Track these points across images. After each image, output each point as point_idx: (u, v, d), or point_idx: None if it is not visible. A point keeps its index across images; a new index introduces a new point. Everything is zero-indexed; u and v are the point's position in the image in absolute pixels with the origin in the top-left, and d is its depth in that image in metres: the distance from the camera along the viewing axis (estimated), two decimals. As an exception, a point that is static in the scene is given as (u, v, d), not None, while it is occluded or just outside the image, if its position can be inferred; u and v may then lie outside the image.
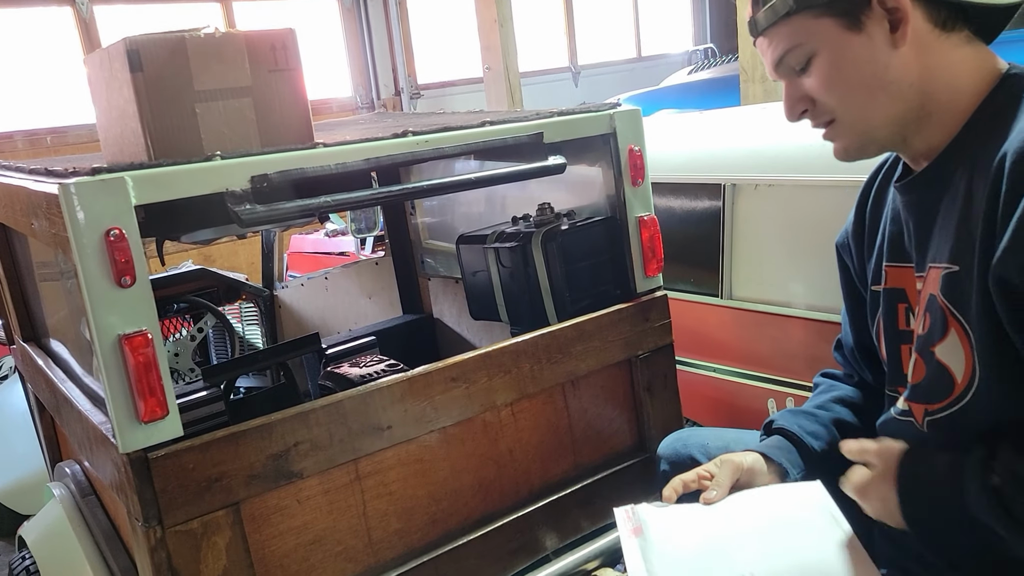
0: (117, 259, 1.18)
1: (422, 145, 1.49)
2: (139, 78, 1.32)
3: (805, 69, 1.08)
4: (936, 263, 1.06)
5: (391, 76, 7.71)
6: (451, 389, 1.54)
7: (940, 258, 1.05)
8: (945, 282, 1.03)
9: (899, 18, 1.01)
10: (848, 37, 1.03)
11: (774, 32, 1.09)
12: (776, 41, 1.09)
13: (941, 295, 1.03)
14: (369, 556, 1.49)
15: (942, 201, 1.05)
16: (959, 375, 1.03)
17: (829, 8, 1.03)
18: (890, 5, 1.01)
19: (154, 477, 1.23)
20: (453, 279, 2.55)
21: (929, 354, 1.07)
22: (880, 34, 1.02)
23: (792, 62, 1.08)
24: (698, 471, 1.30)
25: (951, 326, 1.02)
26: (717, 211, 2.22)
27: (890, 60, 1.02)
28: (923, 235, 1.10)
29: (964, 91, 1.04)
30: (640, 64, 9.85)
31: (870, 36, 1.02)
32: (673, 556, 1.16)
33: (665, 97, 5.50)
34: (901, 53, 1.02)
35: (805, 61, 1.07)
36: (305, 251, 5.31)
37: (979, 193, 0.99)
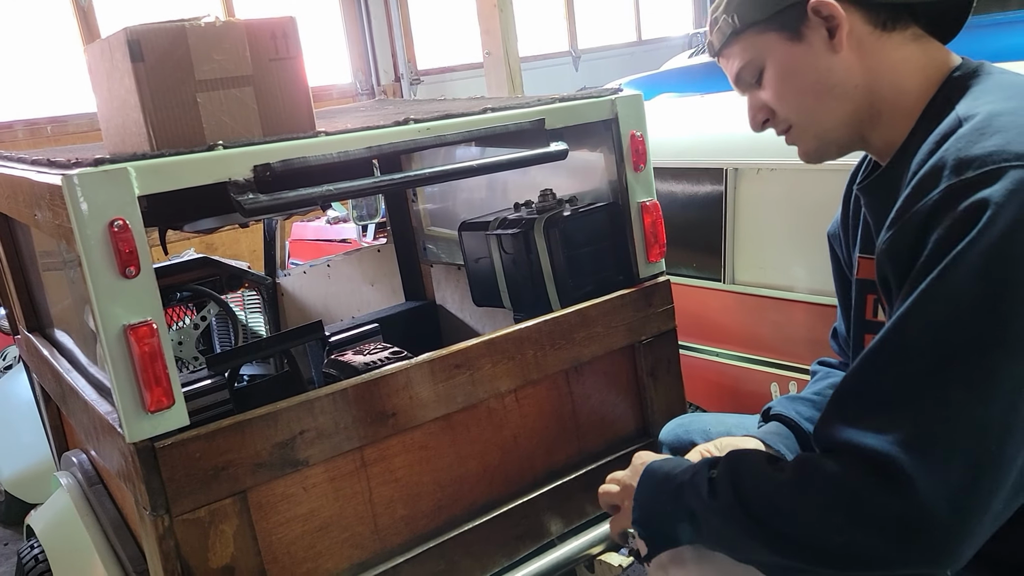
0: (121, 250, 1.18)
1: (424, 133, 1.49)
2: (140, 68, 1.31)
3: (759, 81, 1.15)
4: None
5: (391, 62, 7.68)
6: (455, 376, 1.55)
7: None
8: None
9: (835, 25, 1.06)
10: (791, 47, 1.09)
11: (727, 51, 1.17)
12: (730, 59, 1.17)
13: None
14: (376, 542, 1.50)
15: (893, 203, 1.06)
16: None
17: (771, 23, 1.09)
18: (825, 14, 1.05)
19: (161, 466, 1.24)
20: (455, 266, 2.55)
21: None
22: (820, 41, 1.07)
23: (746, 76, 1.16)
24: (699, 451, 1.32)
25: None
26: (719, 196, 2.22)
27: (832, 64, 1.07)
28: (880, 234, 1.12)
29: (910, 90, 1.07)
30: (640, 48, 9.80)
31: (811, 44, 1.08)
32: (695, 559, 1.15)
33: (666, 81, 5.47)
34: (842, 57, 1.07)
35: (758, 74, 1.14)
36: (307, 238, 5.31)
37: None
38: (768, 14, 1.09)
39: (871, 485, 0.87)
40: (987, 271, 0.84)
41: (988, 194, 0.86)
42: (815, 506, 0.91)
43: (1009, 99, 0.97)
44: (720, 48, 1.18)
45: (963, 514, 0.84)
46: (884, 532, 0.86)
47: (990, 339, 0.84)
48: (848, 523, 0.88)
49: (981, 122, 0.93)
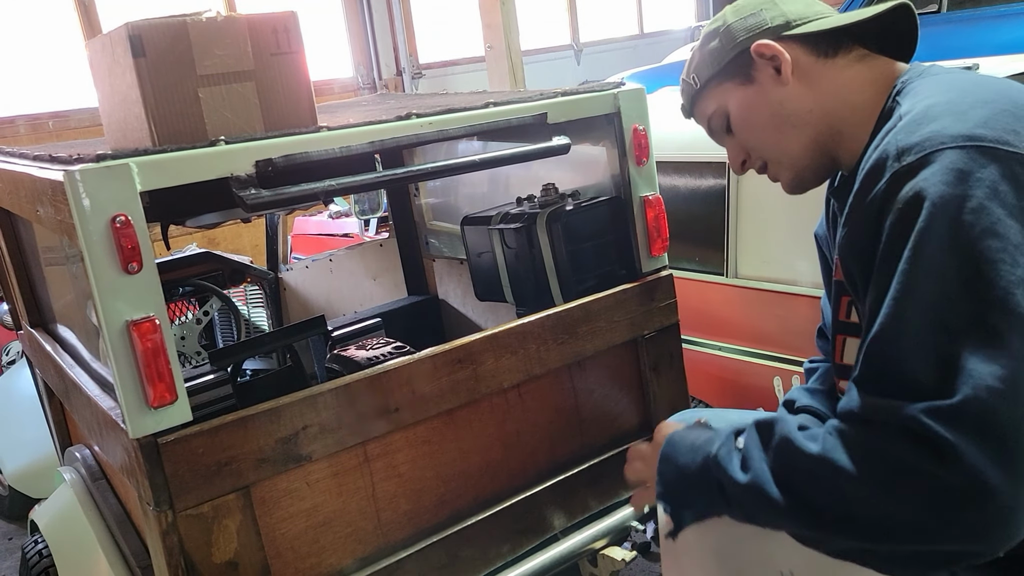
0: (123, 245, 1.18)
1: (426, 127, 1.49)
2: (141, 63, 1.31)
3: (729, 129, 1.23)
4: None
5: (392, 56, 7.66)
6: (458, 371, 1.54)
7: None
8: None
9: (778, 63, 1.14)
10: (745, 91, 1.19)
11: (696, 110, 1.28)
12: (700, 115, 1.27)
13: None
14: (379, 537, 1.50)
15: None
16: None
17: (724, 74, 1.20)
18: (768, 55, 1.14)
19: (164, 462, 1.24)
20: (458, 260, 2.55)
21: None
22: (768, 79, 1.16)
23: (716, 126, 1.25)
24: None
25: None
26: (722, 189, 2.22)
27: (783, 97, 1.15)
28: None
29: (863, 104, 1.12)
30: (643, 41, 9.77)
31: (761, 84, 1.17)
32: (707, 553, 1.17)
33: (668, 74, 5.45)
34: (790, 88, 1.15)
35: (725, 122, 1.23)
36: (309, 233, 5.31)
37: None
38: (720, 66, 1.20)
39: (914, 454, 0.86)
40: (955, 242, 0.88)
41: (930, 173, 0.91)
42: (855, 478, 0.90)
43: (946, 92, 1.02)
44: (691, 108, 1.29)
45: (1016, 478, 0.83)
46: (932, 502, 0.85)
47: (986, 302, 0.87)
48: (890, 494, 0.87)
49: (918, 114, 0.99)
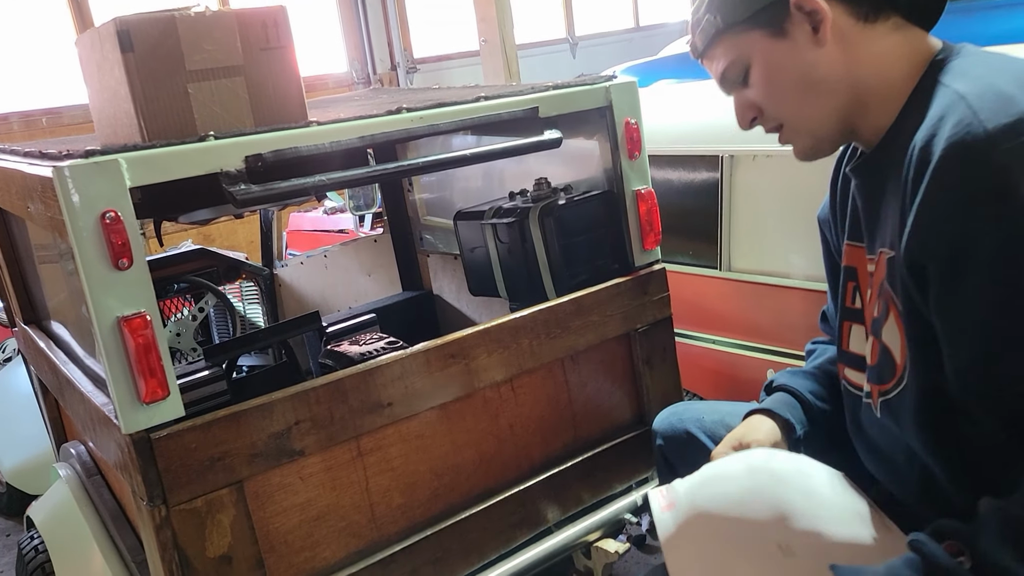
0: (113, 241, 1.18)
1: (417, 122, 1.49)
2: (130, 58, 1.31)
3: (745, 81, 1.14)
4: (883, 248, 1.09)
5: (387, 51, 7.64)
6: (450, 366, 1.55)
7: (884, 243, 1.09)
8: (887, 266, 1.07)
9: (819, 20, 1.05)
10: (774, 44, 1.08)
11: (711, 52, 1.16)
12: (714, 60, 1.16)
13: (886, 279, 1.07)
14: (373, 531, 1.51)
15: (885, 187, 1.08)
16: (897, 357, 1.08)
17: (754, 21, 1.09)
18: (808, 9, 1.05)
19: (157, 457, 1.24)
20: (452, 255, 2.55)
21: (879, 336, 1.11)
22: (803, 36, 1.07)
23: (732, 76, 1.14)
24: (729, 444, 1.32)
25: (891, 309, 1.07)
26: (715, 183, 2.22)
27: (816, 59, 1.07)
28: (872, 219, 1.13)
29: (896, 78, 1.07)
30: (638, 34, 9.75)
31: (794, 40, 1.07)
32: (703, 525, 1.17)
33: (664, 67, 5.44)
34: (826, 51, 1.07)
35: (743, 73, 1.13)
36: (304, 229, 5.30)
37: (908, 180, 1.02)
38: (751, 12, 1.08)
39: None
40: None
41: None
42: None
43: (1000, 72, 0.98)
44: (704, 49, 1.17)
45: None
46: None
47: None
48: None
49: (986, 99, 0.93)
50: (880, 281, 1.10)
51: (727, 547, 1.14)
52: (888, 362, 1.10)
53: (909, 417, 1.08)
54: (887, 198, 1.08)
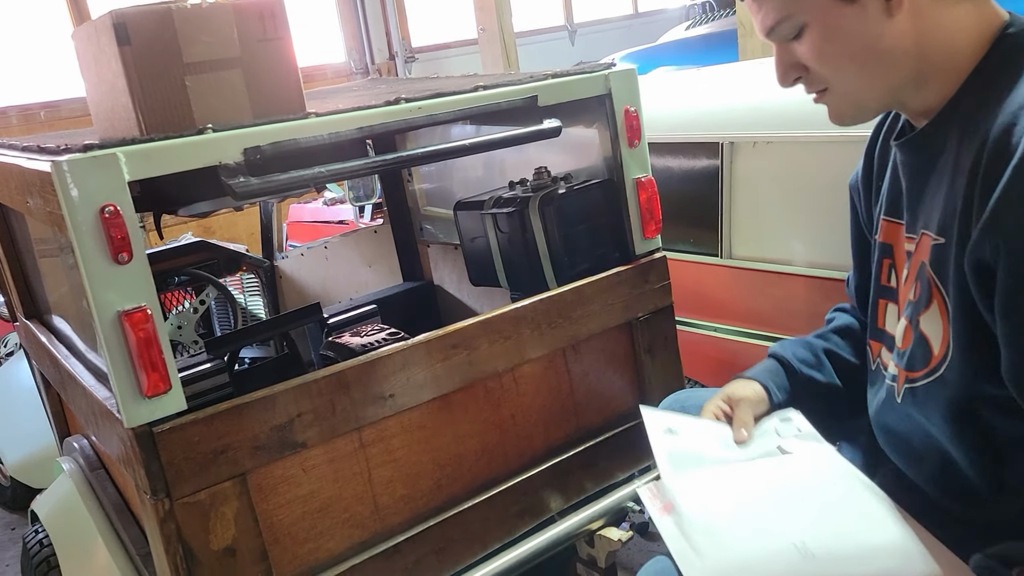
0: (113, 236, 1.18)
1: (415, 112, 1.48)
2: (127, 51, 1.30)
3: (798, 36, 1.05)
4: (928, 230, 1.05)
5: (385, 40, 7.61)
6: (452, 356, 1.55)
7: (931, 226, 1.04)
8: (933, 253, 1.03)
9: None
10: (841, 9, 1.00)
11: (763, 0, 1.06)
12: (765, 9, 1.06)
13: (929, 266, 1.03)
14: (376, 522, 1.51)
15: (935, 164, 1.04)
16: (936, 347, 1.04)
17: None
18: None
19: (160, 451, 1.25)
20: (452, 245, 2.55)
21: (915, 322, 1.07)
22: (875, 4, 0.99)
23: (783, 32, 1.05)
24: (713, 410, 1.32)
25: (934, 298, 1.03)
26: (716, 170, 2.21)
27: (884, 30, 0.99)
28: (916, 197, 1.09)
29: (961, 51, 1.00)
30: (637, 20, 9.71)
31: (863, 6, 0.99)
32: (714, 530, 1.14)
33: (663, 54, 5.43)
34: (896, 22, 0.99)
35: (797, 31, 1.04)
36: (304, 220, 5.30)
37: (965, 164, 0.97)
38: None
39: None
40: None
41: None
42: None
43: None
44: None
45: None
46: None
47: None
48: None
49: None
50: (920, 264, 1.06)
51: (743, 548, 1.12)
52: (923, 351, 1.06)
53: (939, 409, 1.04)
54: (936, 178, 1.03)
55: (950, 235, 0.99)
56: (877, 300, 1.21)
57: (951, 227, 0.98)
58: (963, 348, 1.00)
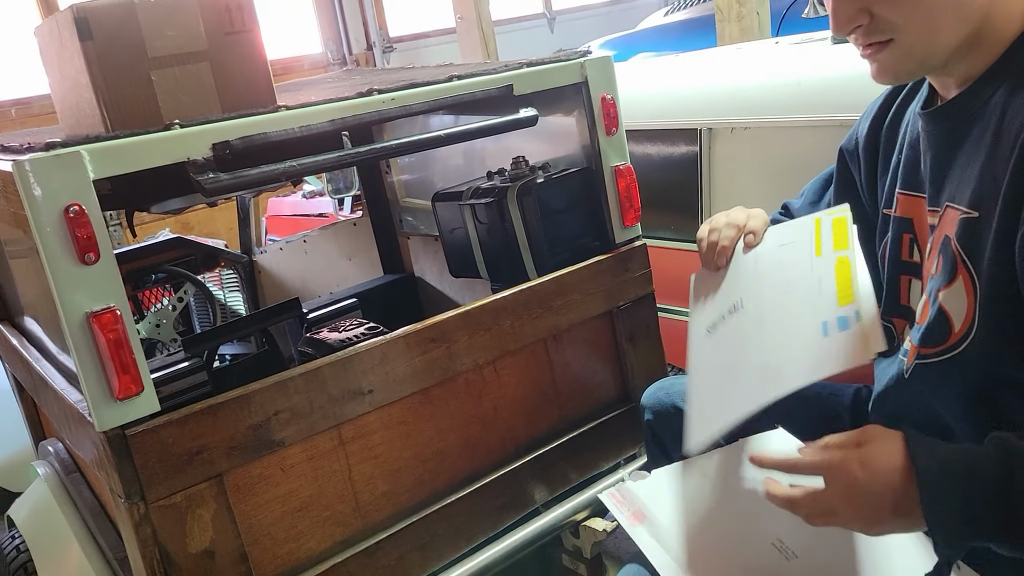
0: (78, 236, 1.15)
1: (388, 103, 1.46)
2: (89, 47, 1.27)
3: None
4: (955, 203, 1.01)
5: (362, 30, 7.54)
6: (431, 350, 1.53)
7: (960, 199, 1.00)
8: (962, 227, 0.98)
9: None
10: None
11: None
12: None
13: (956, 240, 0.99)
14: (357, 519, 1.49)
15: (968, 135, 1.01)
16: (957, 323, 1.00)
17: None
18: None
19: (133, 453, 1.22)
20: (433, 237, 2.53)
21: (934, 297, 1.04)
22: None
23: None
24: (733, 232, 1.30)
25: (959, 273, 0.99)
26: (694, 156, 2.20)
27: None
28: (943, 168, 1.05)
29: (1016, 17, 0.96)
30: (616, 7, 9.66)
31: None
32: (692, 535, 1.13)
33: (642, 40, 5.40)
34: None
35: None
36: (283, 214, 5.25)
37: (1008, 137, 0.94)
38: None
39: None
40: None
41: None
42: None
43: None
44: None
45: None
46: None
47: None
48: None
49: None
50: (943, 237, 1.02)
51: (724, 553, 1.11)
52: (942, 327, 1.02)
53: (953, 387, 1.01)
54: (970, 148, 1.00)
55: (987, 209, 0.95)
56: (898, 276, 1.16)
57: (989, 201, 0.94)
58: (991, 327, 0.96)
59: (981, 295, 0.97)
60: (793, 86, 1.98)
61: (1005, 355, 0.97)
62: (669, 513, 1.17)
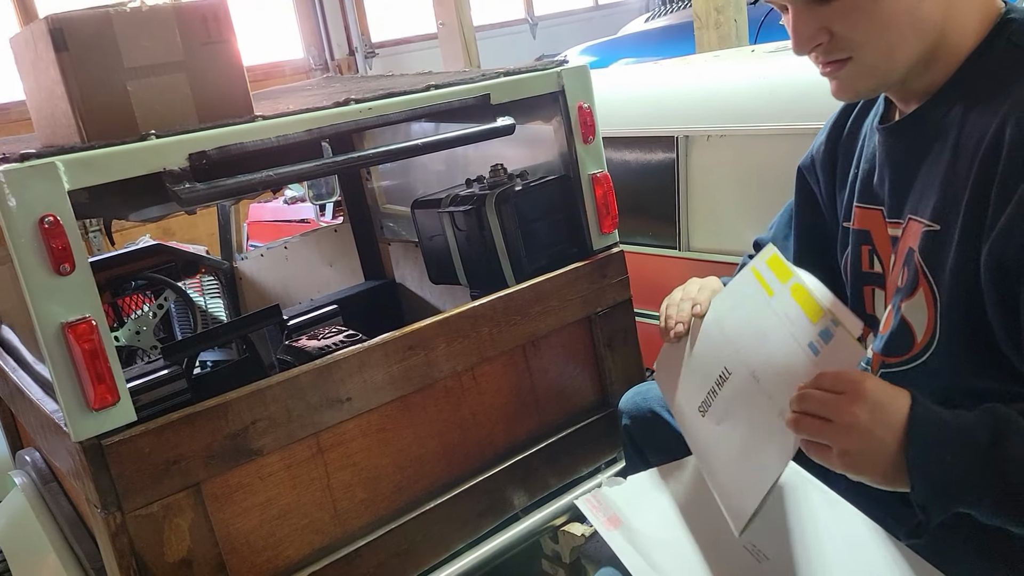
0: (53, 246, 1.15)
1: (365, 113, 1.47)
2: (64, 57, 1.27)
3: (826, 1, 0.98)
4: (917, 216, 1.03)
5: (344, 36, 7.53)
6: (410, 357, 1.54)
7: (922, 212, 1.01)
8: (924, 240, 1.00)
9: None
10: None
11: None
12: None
13: (919, 252, 1.01)
14: (336, 527, 1.50)
15: (929, 148, 1.02)
16: (919, 334, 1.03)
17: None
18: None
19: (110, 464, 1.22)
20: (413, 243, 2.53)
21: (897, 308, 1.06)
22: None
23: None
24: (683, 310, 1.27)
25: (920, 284, 1.01)
26: (672, 163, 2.22)
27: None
28: (904, 181, 1.07)
29: (969, 33, 0.99)
30: (598, 13, 9.72)
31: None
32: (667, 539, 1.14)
33: (622, 47, 5.44)
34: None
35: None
36: (265, 220, 5.23)
37: (968, 151, 0.96)
38: None
39: None
40: None
41: None
42: None
43: None
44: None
45: None
46: None
47: None
48: None
49: None
50: (907, 250, 1.03)
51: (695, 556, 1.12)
52: (904, 337, 1.04)
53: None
54: (932, 161, 1.01)
55: (948, 222, 0.96)
56: (861, 287, 1.18)
57: (951, 214, 0.96)
58: (952, 338, 0.98)
59: (941, 306, 0.99)
60: (769, 94, 2.01)
61: (966, 365, 0.99)
62: (644, 518, 1.18)
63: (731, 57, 2.61)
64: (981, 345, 0.96)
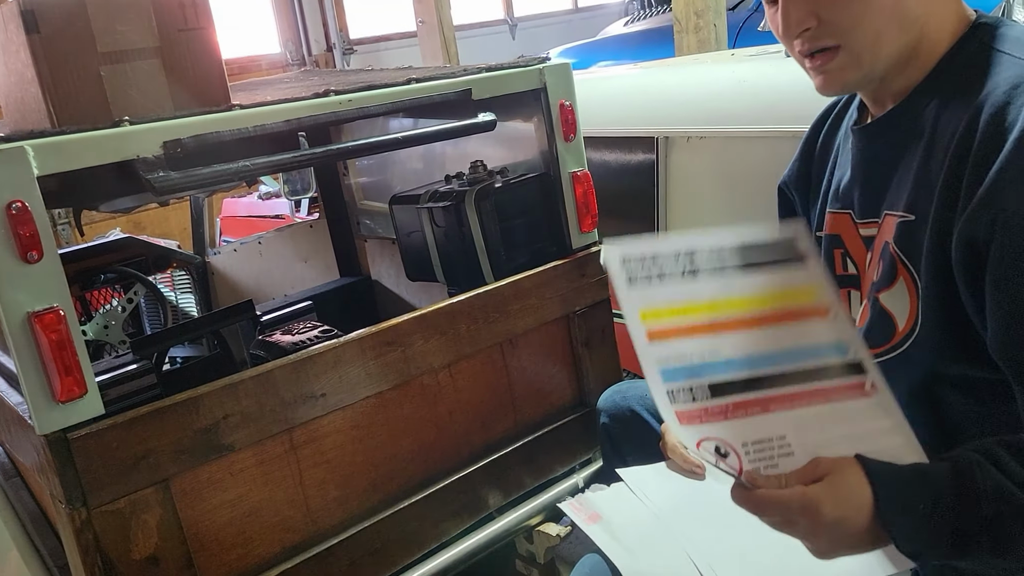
0: (20, 234, 1.12)
1: (345, 105, 1.45)
2: (35, 40, 1.24)
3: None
4: (893, 211, 1.05)
5: (322, 31, 7.48)
6: (386, 353, 1.52)
7: (897, 206, 1.03)
8: (899, 230, 1.02)
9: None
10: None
11: None
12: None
13: (894, 243, 1.03)
14: (308, 525, 1.47)
15: (904, 146, 1.04)
16: (901, 322, 1.04)
17: None
18: None
19: (75, 458, 1.19)
20: (390, 240, 2.51)
21: (874, 300, 1.07)
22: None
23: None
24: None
25: (900, 274, 1.03)
26: (651, 164, 2.22)
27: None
28: (881, 180, 1.08)
29: (945, 34, 1.02)
30: (577, 15, 9.74)
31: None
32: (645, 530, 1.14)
33: (602, 49, 5.45)
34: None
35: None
36: (239, 215, 5.17)
37: (942, 143, 0.98)
38: None
39: None
40: None
41: None
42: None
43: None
44: None
45: None
46: None
47: None
48: None
49: None
50: (883, 244, 1.05)
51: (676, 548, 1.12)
52: (885, 327, 1.05)
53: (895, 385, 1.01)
54: (908, 158, 1.03)
55: (923, 211, 0.98)
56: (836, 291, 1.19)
57: (924, 203, 0.98)
58: (932, 324, 1.00)
59: (922, 294, 1.00)
60: (748, 97, 2.02)
61: (947, 352, 1.00)
62: (625, 515, 1.18)
63: (711, 60, 2.62)
64: (962, 329, 0.97)
